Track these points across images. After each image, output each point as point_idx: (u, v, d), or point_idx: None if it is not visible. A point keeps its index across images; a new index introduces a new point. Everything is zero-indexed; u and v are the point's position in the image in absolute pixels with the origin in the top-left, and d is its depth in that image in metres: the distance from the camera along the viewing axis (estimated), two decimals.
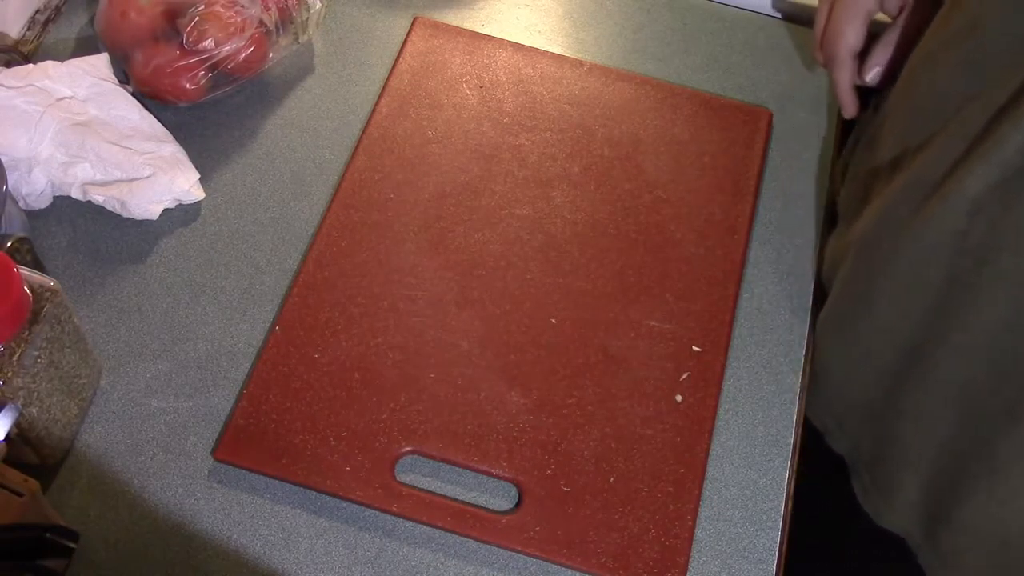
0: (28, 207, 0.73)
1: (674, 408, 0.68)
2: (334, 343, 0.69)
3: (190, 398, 0.67)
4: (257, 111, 0.81)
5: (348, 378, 0.68)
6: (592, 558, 0.62)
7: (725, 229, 0.77)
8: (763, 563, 0.64)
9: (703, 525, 0.65)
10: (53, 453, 0.63)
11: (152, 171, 0.73)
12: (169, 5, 0.77)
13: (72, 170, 0.72)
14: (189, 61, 0.76)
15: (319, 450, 0.65)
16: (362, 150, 0.78)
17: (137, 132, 0.75)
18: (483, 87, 0.83)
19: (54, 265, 0.72)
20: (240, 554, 0.62)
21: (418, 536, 0.64)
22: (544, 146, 0.80)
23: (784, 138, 0.83)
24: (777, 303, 0.75)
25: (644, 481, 0.65)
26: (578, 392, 0.68)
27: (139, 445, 0.65)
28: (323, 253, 0.73)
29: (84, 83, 0.75)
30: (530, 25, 0.89)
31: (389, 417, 0.66)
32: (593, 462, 0.66)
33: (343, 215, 0.75)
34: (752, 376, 0.71)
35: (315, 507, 0.64)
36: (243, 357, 0.69)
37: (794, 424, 0.70)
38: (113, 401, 0.67)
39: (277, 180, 0.78)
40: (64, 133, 0.72)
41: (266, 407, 0.66)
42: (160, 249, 0.74)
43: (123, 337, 0.69)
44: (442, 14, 0.88)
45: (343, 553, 0.63)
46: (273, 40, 0.80)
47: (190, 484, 0.64)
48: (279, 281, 0.73)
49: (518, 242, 0.75)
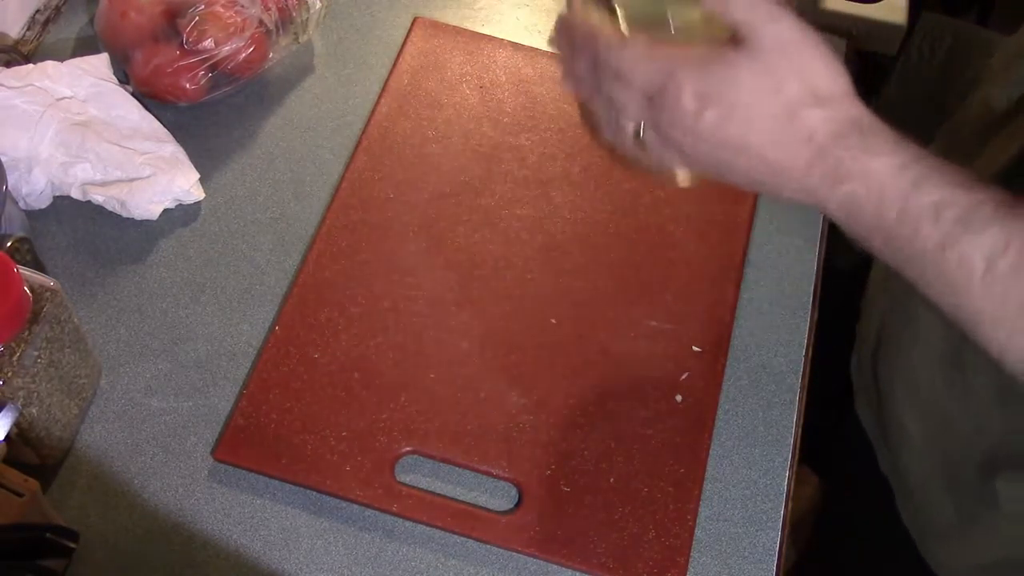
0: (28, 207, 0.73)
1: (674, 408, 0.68)
2: (334, 343, 0.69)
3: (190, 398, 0.67)
4: (257, 111, 0.81)
5: (348, 378, 0.68)
6: (592, 558, 0.62)
7: (725, 229, 0.77)
8: (763, 563, 0.64)
9: (703, 525, 0.65)
10: (53, 453, 0.63)
11: (152, 171, 0.73)
12: (169, 5, 0.77)
13: (72, 170, 0.72)
14: (189, 61, 0.76)
15: (319, 450, 0.65)
16: (362, 150, 0.78)
17: (137, 132, 0.75)
18: (483, 87, 0.83)
19: (54, 265, 0.72)
20: (240, 554, 0.62)
21: (418, 536, 0.64)
22: (544, 146, 0.80)
23: None
24: (777, 303, 0.75)
25: (644, 481, 0.65)
26: (578, 392, 0.68)
27: (139, 445, 0.65)
28: (323, 253, 0.73)
29: (84, 83, 0.75)
30: (530, 25, 0.89)
31: (389, 417, 0.66)
32: (593, 462, 0.66)
33: (343, 215, 0.75)
34: (752, 376, 0.71)
35: (315, 507, 0.64)
36: (243, 357, 0.69)
37: (794, 424, 0.70)
38: (113, 401, 0.67)
39: (277, 180, 0.78)
40: (64, 133, 0.72)
41: (266, 407, 0.66)
42: (160, 249, 0.74)
43: (123, 337, 0.69)
44: (442, 14, 0.88)
45: (343, 553, 0.63)
46: (273, 40, 0.80)
47: (190, 484, 0.64)
48: (279, 281, 0.73)
49: (518, 242, 0.75)
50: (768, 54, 0.46)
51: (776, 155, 0.47)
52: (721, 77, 0.46)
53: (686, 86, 0.47)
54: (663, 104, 0.48)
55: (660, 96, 0.48)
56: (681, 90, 0.47)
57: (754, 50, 0.46)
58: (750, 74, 0.46)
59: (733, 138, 0.47)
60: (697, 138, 0.48)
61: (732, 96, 0.46)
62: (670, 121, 0.48)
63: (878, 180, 0.44)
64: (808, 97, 0.46)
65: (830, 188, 0.46)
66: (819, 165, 0.46)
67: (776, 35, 0.46)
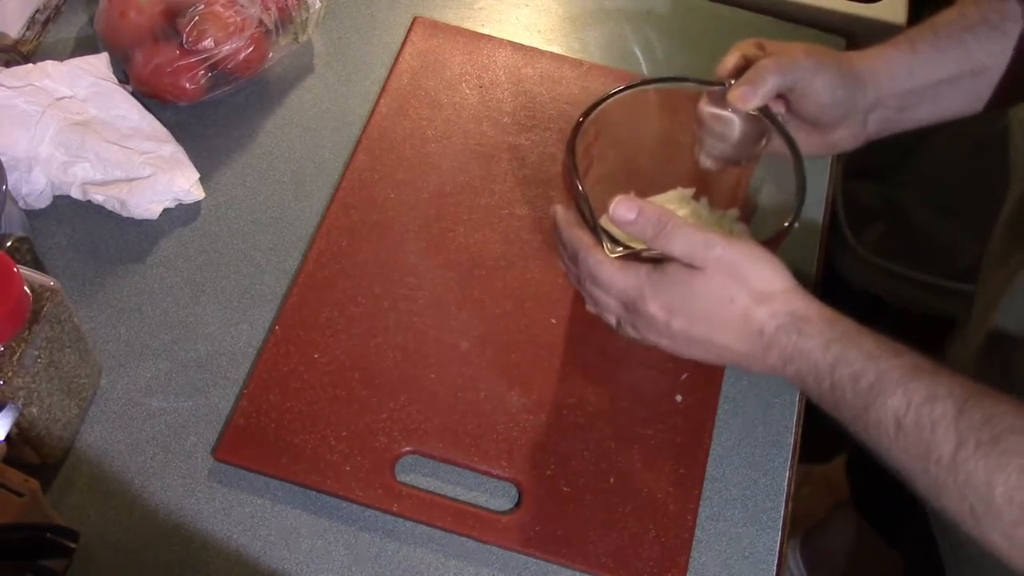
0: (28, 207, 0.73)
1: (674, 408, 0.68)
2: (334, 343, 0.69)
3: (190, 398, 0.67)
4: (257, 111, 0.81)
5: (348, 378, 0.68)
6: (592, 558, 0.62)
7: None
8: (763, 563, 0.64)
9: (703, 525, 0.65)
10: (53, 453, 0.63)
11: (152, 171, 0.73)
12: (169, 5, 0.77)
13: (72, 169, 0.72)
14: (189, 61, 0.76)
15: (319, 450, 0.65)
16: (362, 150, 0.78)
17: (137, 132, 0.75)
18: (483, 87, 0.83)
19: (54, 265, 0.72)
20: (240, 554, 0.62)
21: (418, 536, 0.64)
22: (544, 146, 0.80)
23: None
24: None
25: (644, 481, 0.65)
26: (578, 392, 0.68)
27: (139, 445, 0.65)
28: (323, 253, 0.73)
29: (84, 83, 0.75)
30: (530, 25, 0.89)
31: (389, 417, 0.66)
32: (593, 462, 0.66)
33: (343, 215, 0.75)
34: (752, 376, 0.71)
35: (315, 507, 0.64)
36: (243, 357, 0.69)
37: (794, 424, 0.70)
38: (113, 401, 0.67)
39: (277, 180, 0.78)
40: (64, 133, 0.72)
41: (266, 407, 0.66)
42: (160, 249, 0.74)
43: (123, 337, 0.69)
44: (442, 14, 0.88)
45: (343, 553, 0.63)
46: (273, 40, 0.80)
47: (190, 484, 0.64)
48: (279, 281, 0.73)
49: (518, 242, 0.75)
50: (715, 275, 0.55)
51: (740, 347, 0.57)
52: (682, 293, 0.56)
53: (653, 301, 0.57)
54: (637, 312, 0.58)
55: (633, 306, 0.58)
56: (650, 304, 0.57)
57: (704, 273, 0.56)
58: (705, 290, 0.56)
59: (700, 337, 0.57)
60: (671, 339, 0.58)
61: (693, 307, 0.56)
62: (646, 326, 0.59)
63: (812, 359, 0.54)
64: (754, 300, 0.55)
65: (783, 367, 0.56)
66: (772, 351, 0.55)
67: (716, 259, 0.55)
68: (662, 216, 0.56)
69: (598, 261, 0.58)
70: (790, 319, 0.55)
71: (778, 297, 0.56)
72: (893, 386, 0.51)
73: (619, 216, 0.57)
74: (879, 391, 0.51)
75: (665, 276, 0.57)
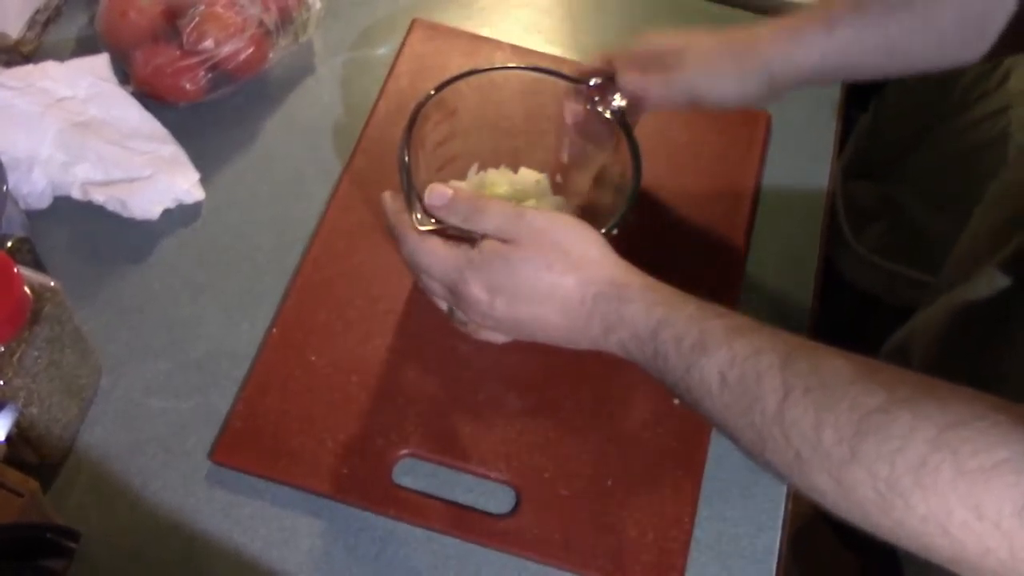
0: (28, 207, 0.73)
1: (672, 411, 0.68)
2: (331, 345, 0.69)
3: (190, 398, 0.68)
4: (257, 111, 0.81)
5: (346, 380, 0.68)
6: (590, 561, 0.62)
7: (725, 230, 0.77)
8: (763, 563, 0.64)
9: (702, 525, 0.65)
10: (53, 453, 0.63)
11: (152, 171, 0.73)
12: (169, 5, 0.77)
13: (72, 170, 0.72)
14: (189, 61, 0.76)
15: (317, 453, 0.65)
16: (362, 150, 0.78)
17: (137, 132, 0.75)
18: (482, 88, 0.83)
19: (54, 265, 0.72)
20: (240, 554, 0.62)
21: (417, 537, 0.64)
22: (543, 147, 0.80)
23: (783, 139, 0.83)
24: (777, 305, 0.75)
25: (642, 484, 0.65)
26: (576, 395, 0.68)
27: (139, 445, 0.66)
28: (321, 255, 0.73)
29: (84, 83, 0.75)
30: (530, 25, 0.89)
31: (387, 420, 0.66)
32: (591, 465, 0.66)
33: (342, 215, 0.75)
34: None
35: (315, 508, 0.64)
36: (243, 357, 0.69)
37: None
38: (113, 401, 0.67)
39: (277, 180, 0.78)
40: (64, 133, 0.73)
41: (263, 410, 0.66)
42: (160, 249, 0.74)
43: (123, 337, 0.70)
44: (441, 15, 0.88)
45: (343, 553, 0.63)
46: (273, 40, 0.80)
47: (190, 484, 0.64)
48: (279, 281, 0.73)
49: None
50: (528, 244, 0.56)
51: (562, 320, 0.56)
52: (500, 269, 0.56)
53: (475, 282, 0.57)
54: (460, 295, 0.58)
55: (456, 288, 0.58)
56: (472, 285, 0.57)
57: (519, 245, 0.56)
58: (521, 261, 0.56)
59: (525, 314, 0.57)
60: (496, 320, 0.58)
61: (513, 282, 0.56)
62: (470, 309, 0.58)
63: (633, 325, 0.54)
64: (572, 267, 0.55)
65: (605, 337, 0.55)
66: (594, 319, 0.55)
67: (529, 227, 0.56)
68: (473, 197, 0.58)
69: (416, 242, 0.59)
70: (610, 286, 0.55)
71: (595, 263, 0.56)
72: (717, 344, 0.51)
73: (432, 202, 0.58)
74: (702, 350, 0.51)
75: (483, 253, 0.56)
